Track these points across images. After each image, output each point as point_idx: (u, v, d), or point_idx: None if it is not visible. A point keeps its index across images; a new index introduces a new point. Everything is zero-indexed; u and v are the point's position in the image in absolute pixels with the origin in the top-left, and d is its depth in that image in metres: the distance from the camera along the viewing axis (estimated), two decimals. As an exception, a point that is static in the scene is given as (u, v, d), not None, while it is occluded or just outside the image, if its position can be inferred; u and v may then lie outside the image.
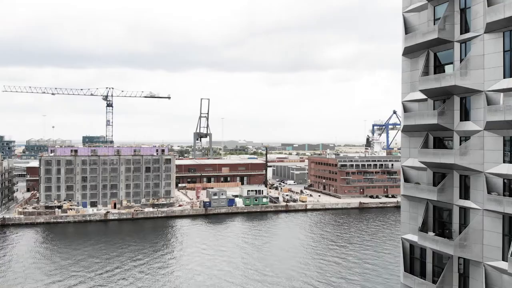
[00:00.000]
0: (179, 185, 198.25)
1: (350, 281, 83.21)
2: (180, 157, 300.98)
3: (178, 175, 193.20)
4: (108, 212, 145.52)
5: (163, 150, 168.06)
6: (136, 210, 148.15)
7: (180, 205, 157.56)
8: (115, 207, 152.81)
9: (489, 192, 27.00)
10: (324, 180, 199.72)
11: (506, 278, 26.30)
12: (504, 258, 26.44)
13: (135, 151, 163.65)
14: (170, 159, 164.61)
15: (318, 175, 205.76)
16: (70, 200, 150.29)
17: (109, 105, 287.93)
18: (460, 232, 29.06)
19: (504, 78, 26.64)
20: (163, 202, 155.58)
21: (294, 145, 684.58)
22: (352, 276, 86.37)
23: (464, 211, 29.48)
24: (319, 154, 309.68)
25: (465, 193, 29.44)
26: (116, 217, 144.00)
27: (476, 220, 28.01)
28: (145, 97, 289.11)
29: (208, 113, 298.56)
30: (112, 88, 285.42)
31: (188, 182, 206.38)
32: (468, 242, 27.98)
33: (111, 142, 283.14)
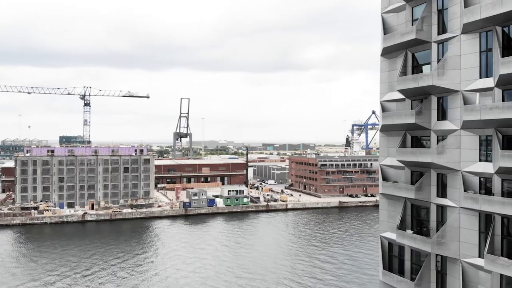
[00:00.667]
0: (158, 185, 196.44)
1: (329, 281, 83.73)
2: (160, 158, 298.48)
3: (157, 175, 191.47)
4: (85, 213, 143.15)
5: (141, 150, 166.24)
6: (114, 211, 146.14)
7: (159, 206, 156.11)
8: (92, 208, 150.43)
9: (465, 190, 27.46)
10: (304, 180, 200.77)
11: (483, 274, 26.80)
12: (480, 255, 26.93)
13: (113, 151, 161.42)
14: (149, 159, 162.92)
15: (298, 174, 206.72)
16: (46, 201, 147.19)
17: (87, 104, 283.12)
18: (437, 230, 29.50)
19: (480, 78, 27.14)
20: (142, 203, 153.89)
21: (275, 145, 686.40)
22: (331, 275, 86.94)
23: (441, 209, 29.94)
24: (299, 154, 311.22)
25: (442, 192, 29.89)
26: (94, 218, 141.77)
27: (453, 218, 28.47)
28: (124, 96, 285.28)
29: (188, 113, 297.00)
30: (90, 87, 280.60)
31: (168, 183, 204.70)
32: (445, 239, 28.42)
33: (89, 142, 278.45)
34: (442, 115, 29.96)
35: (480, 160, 27.16)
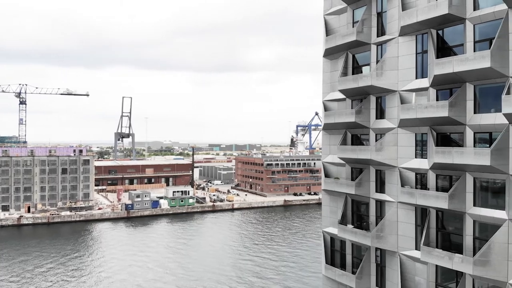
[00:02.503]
0: (99, 187, 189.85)
1: (273, 278, 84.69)
2: (100, 159, 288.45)
3: (97, 177, 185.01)
4: (21, 216, 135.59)
5: (81, 151, 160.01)
6: (52, 214, 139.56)
7: (99, 208, 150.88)
8: (29, 211, 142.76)
9: (402, 185, 28.68)
10: (251, 180, 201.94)
11: (419, 266, 28.13)
12: (417, 248, 28.20)
13: (50, 151, 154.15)
14: (88, 160, 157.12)
15: (245, 174, 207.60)
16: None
17: (22, 102, 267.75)
18: (376, 224, 30.64)
19: (416, 78, 28.47)
20: (81, 205, 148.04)
21: (221, 146, 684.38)
22: (275, 272, 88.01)
23: (380, 204, 31.14)
24: (246, 154, 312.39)
25: (380, 187, 31.10)
26: (31, 222, 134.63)
27: (391, 212, 29.70)
28: (62, 94, 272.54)
29: (130, 112, 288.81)
30: (26, 85, 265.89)
31: (109, 184, 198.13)
32: (384, 233, 29.59)
33: (24, 142, 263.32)
34: (381, 114, 31.17)
35: (416, 157, 28.50)
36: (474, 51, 24.55)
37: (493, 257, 23.02)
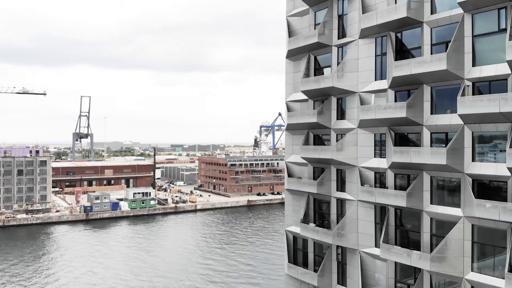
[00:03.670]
0: (57, 189, 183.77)
1: (235, 278, 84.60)
2: (58, 159, 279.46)
3: (55, 178, 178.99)
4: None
5: (37, 152, 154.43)
6: (8, 217, 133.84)
7: (57, 211, 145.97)
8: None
9: (362, 184, 29.30)
10: (214, 180, 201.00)
11: (379, 263, 28.81)
12: (376, 245, 28.87)
13: (5, 152, 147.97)
14: (45, 161, 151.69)
15: (208, 175, 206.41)
16: None
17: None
18: (337, 222, 31.16)
19: (375, 80, 29.13)
20: (38, 208, 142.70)
21: (184, 146, 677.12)
22: (238, 272, 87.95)
23: (341, 202, 31.68)
24: (209, 155, 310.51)
25: (341, 186, 31.65)
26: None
27: (352, 211, 30.28)
28: (17, 93, 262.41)
29: (89, 112, 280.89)
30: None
31: (67, 186, 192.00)
32: (344, 231, 30.12)
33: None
34: (341, 114, 31.73)
35: (375, 156, 29.18)
36: (431, 53, 25.37)
37: (449, 253, 23.87)
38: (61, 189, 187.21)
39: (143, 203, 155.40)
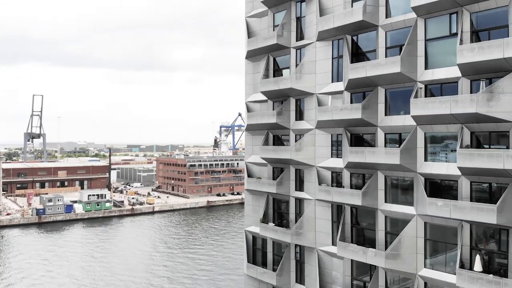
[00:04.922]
0: (6, 191, 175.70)
1: (194, 281, 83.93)
2: (8, 160, 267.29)
3: (5, 180, 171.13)
4: None
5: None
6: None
7: (8, 214, 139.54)
8: None
9: (319, 183, 29.84)
10: (173, 181, 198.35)
11: (336, 261, 29.41)
12: (333, 243, 29.48)
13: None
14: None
15: (166, 176, 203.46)
16: None
17: None
18: (296, 221, 31.57)
19: (332, 82, 29.75)
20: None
21: (141, 147, 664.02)
22: (196, 275, 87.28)
23: (299, 201, 32.13)
24: (167, 155, 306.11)
25: (300, 186, 32.11)
26: None
27: (309, 210, 30.76)
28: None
29: (41, 111, 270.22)
30: None
31: (18, 188, 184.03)
32: (303, 230, 30.54)
33: None
34: (300, 115, 32.19)
35: (332, 156, 29.80)
36: (386, 56, 26.16)
37: (403, 250, 24.69)
38: (12, 192, 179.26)
39: (98, 205, 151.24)
